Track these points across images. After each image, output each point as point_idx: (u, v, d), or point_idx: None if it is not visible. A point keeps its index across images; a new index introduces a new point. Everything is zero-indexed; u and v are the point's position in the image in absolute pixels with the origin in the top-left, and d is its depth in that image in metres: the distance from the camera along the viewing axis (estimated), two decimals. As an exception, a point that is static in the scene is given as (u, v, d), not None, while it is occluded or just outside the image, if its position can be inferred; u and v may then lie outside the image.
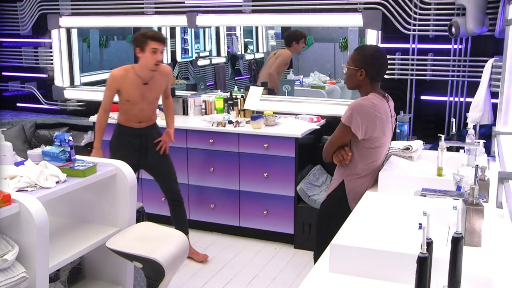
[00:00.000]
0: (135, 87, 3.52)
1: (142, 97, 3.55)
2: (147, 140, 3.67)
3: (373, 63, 2.53)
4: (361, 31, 5.59)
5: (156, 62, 3.44)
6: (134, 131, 3.64)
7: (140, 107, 3.58)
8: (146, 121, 3.66)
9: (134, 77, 3.51)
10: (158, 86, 3.61)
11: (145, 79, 3.53)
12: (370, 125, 2.49)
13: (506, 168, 2.38)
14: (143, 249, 2.37)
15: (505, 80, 2.96)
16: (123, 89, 3.53)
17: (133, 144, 3.64)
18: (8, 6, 5.59)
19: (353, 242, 1.69)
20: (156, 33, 3.51)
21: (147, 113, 3.64)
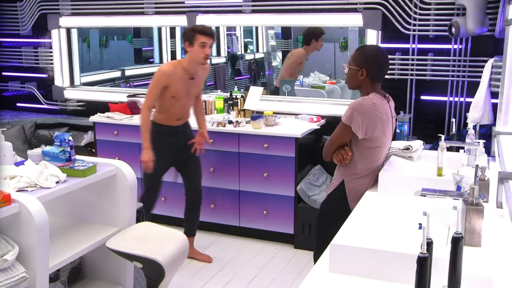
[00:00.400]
0: (182, 82, 3.52)
1: (186, 92, 3.57)
2: (185, 139, 3.70)
3: (374, 63, 2.53)
4: (361, 31, 5.59)
5: (205, 56, 3.46)
6: (172, 130, 3.64)
7: (183, 103, 3.60)
8: (184, 118, 3.69)
9: (181, 72, 3.52)
10: (201, 80, 3.68)
11: (192, 74, 3.55)
12: (370, 125, 2.49)
13: (506, 168, 2.38)
14: (143, 249, 2.37)
15: (505, 80, 2.96)
16: (170, 85, 3.50)
17: (170, 143, 3.64)
18: (8, 6, 5.59)
19: (353, 242, 1.69)
20: (205, 27, 3.50)
21: (187, 109, 3.68)
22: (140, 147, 4.41)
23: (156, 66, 7.38)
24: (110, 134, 4.50)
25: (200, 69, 3.62)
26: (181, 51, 7.34)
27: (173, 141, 3.65)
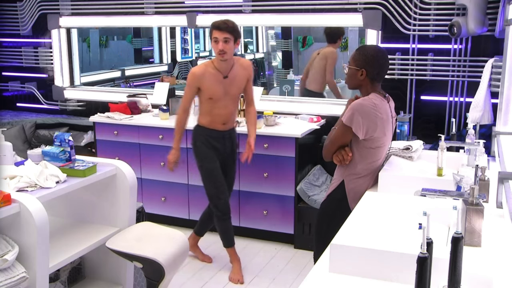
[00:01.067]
0: (216, 82, 3.39)
1: (225, 92, 3.42)
2: (232, 144, 3.59)
3: (373, 63, 2.53)
4: (361, 31, 5.59)
5: (219, 51, 3.29)
6: (218, 134, 3.51)
7: (224, 104, 3.45)
8: (230, 122, 3.54)
9: (213, 71, 3.40)
10: (239, 79, 3.46)
11: (224, 72, 3.40)
12: (371, 125, 2.49)
13: (506, 168, 2.38)
14: (143, 249, 2.37)
15: (505, 80, 2.96)
16: (204, 86, 3.39)
17: (216, 148, 3.53)
18: (8, 6, 5.59)
19: (353, 242, 1.69)
20: (219, 21, 3.31)
21: (231, 111, 3.51)
22: (140, 147, 4.42)
23: (156, 66, 7.39)
24: (110, 134, 4.50)
25: (238, 68, 3.44)
26: (181, 51, 7.37)
27: (218, 146, 3.53)
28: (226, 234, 3.65)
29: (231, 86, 3.44)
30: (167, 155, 3.64)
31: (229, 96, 3.45)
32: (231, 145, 3.61)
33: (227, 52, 3.30)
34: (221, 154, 3.56)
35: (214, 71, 3.40)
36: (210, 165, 3.52)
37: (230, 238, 3.66)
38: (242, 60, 3.56)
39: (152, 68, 7.36)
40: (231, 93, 3.46)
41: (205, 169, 3.54)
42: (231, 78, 3.43)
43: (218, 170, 3.55)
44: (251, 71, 3.54)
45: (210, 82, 3.39)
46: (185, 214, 4.40)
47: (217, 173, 3.55)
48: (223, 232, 3.65)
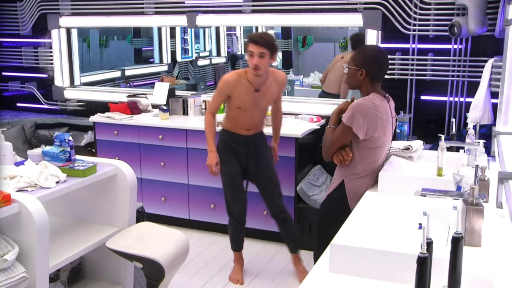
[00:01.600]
0: (247, 94, 3.30)
1: (254, 104, 3.34)
2: (255, 149, 3.48)
3: (373, 63, 2.53)
4: (361, 31, 5.59)
5: (253, 66, 3.17)
6: (240, 138, 3.43)
7: (251, 114, 3.38)
8: (254, 129, 3.45)
9: (246, 83, 3.30)
10: (271, 93, 3.38)
11: (256, 86, 3.30)
12: (371, 125, 2.49)
13: (506, 168, 2.38)
14: (143, 249, 2.37)
15: (505, 80, 2.96)
16: (234, 96, 3.32)
17: (239, 152, 3.45)
18: (8, 6, 5.59)
19: (353, 242, 1.69)
20: (256, 35, 3.20)
21: (257, 121, 3.44)
22: (140, 147, 4.42)
23: (156, 66, 7.40)
24: (110, 134, 4.50)
25: (271, 81, 3.35)
26: (181, 51, 7.37)
27: (240, 150, 3.45)
28: (236, 239, 3.65)
29: (262, 99, 3.37)
30: (206, 161, 3.50)
31: (257, 108, 3.39)
32: (255, 149, 3.48)
33: (261, 68, 3.19)
34: (244, 158, 3.47)
35: (247, 83, 3.31)
36: (227, 169, 3.47)
37: (239, 244, 3.67)
38: (277, 74, 3.45)
39: (152, 68, 7.37)
40: (260, 106, 3.40)
41: (223, 172, 3.48)
42: (262, 92, 3.35)
43: (236, 177, 3.48)
44: (284, 84, 3.50)
45: (241, 93, 3.31)
46: (185, 214, 4.40)
47: (234, 179, 3.49)
48: (233, 237, 3.65)
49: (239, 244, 3.66)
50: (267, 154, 3.56)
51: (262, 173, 3.52)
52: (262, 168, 3.51)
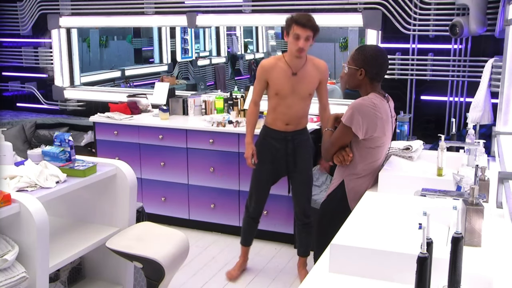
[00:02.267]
0: (284, 77, 3.24)
1: (292, 89, 3.24)
2: (294, 148, 3.37)
3: (372, 63, 2.53)
4: (361, 31, 5.59)
5: (298, 48, 3.13)
6: (278, 135, 3.35)
7: (290, 103, 3.28)
8: (294, 124, 3.34)
9: (283, 66, 3.24)
10: (309, 78, 3.26)
11: (294, 69, 3.23)
12: (370, 125, 2.49)
13: (506, 168, 2.38)
14: (143, 249, 2.37)
15: (505, 80, 2.96)
16: (271, 80, 3.26)
17: (277, 150, 3.37)
18: (8, 6, 5.59)
19: (353, 242, 1.69)
20: (302, 17, 3.14)
21: (296, 112, 3.31)
22: (140, 147, 4.42)
23: (156, 66, 7.40)
24: (110, 134, 4.50)
25: (311, 66, 3.27)
26: (181, 51, 7.37)
27: (278, 147, 3.36)
28: (246, 234, 3.67)
29: (300, 84, 3.26)
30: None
31: (296, 94, 3.28)
32: (294, 148, 3.38)
33: (306, 50, 3.19)
34: (282, 156, 3.39)
35: (284, 65, 3.26)
36: (258, 166, 3.45)
37: (247, 240, 3.68)
38: (317, 61, 3.36)
39: (152, 68, 7.37)
40: (299, 92, 3.27)
41: (254, 168, 3.48)
42: (300, 76, 3.26)
43: (264, 175, 3.45)
44: (326, 73, 3.36)
45: (277, 76, 3.26)
46: (185, 214, 4.40)
47: (260, 177, 3.46)
48: (244, 231, 3.67)
49: (246, 239, 3.68)
50: (306, 155, 3.44)
51: (298, 175, 3.45)
52: (298, 170, 3.44)
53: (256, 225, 3.64)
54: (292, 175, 3.48)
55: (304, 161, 3.44)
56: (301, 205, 3.49)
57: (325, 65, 3.40)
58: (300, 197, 3.49)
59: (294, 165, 3.42)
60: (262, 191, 3.52)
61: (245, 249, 3.70)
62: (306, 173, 3.46)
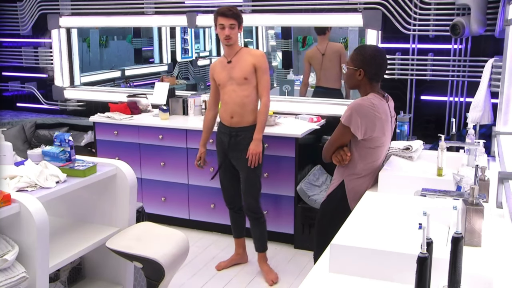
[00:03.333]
0: (221, 67, 3.50)
1: (228, 76, 3.46)
2: (236, 142, 3.49)
3: (371, 63, 2.53)
4: (361, 31, 5.59)
5: (225, 37, 3.39)
6: (225, 129, 3.54)
7: (228, 90, 3.46)
8: (238, 116, 3.46)
9: (222, 59, 3.54)
10: (243, 63, 3.44)
11: (228, 57, 3.48)
12: (369, 125, 2.49)
13: (506, 168, 2.38)
14: (143, 249, 2.37)
15: (505, 80, 2.96)
16: (215, 75, 3.54)
17: (223, 144, 3.56)
18: (8, 6, 5.59)
19: (353, 242, 1.69)
20: (224, 8, 3.41)
21: (235, 99, 3.44)
22: (140, 147, 4.43)
23: (156, 66, 7.40)
24: (110, 134, 4.50)
25: (245, 54, 3.46)
26: (181, 51, 7.37)
27: (224, 141, 3.55)
28: (231, 225, 3.82)
29: (234, 69, 3.46)
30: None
31: (233, 80, 3.45)
32: (236, 143, 3.50)
33: (232, 37, 3.41)
34: (226, 150, 3.57)
35: (222, 58, 3.54)
36: (218, 158, 3.68)
37: (235, 230, 3.82)
38: (253, 50, 3.64)
39: (152, 68, 7.37)
40: (234, 77, 3.45)
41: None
42: (234, 62, 3.46)
43: (222, 168, 3.65)
44: (260, 59, 3.46)
45: (219, 69, 3.52)
46: (185, 214, 4.40)
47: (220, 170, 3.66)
48: (230, 223, 3.82)
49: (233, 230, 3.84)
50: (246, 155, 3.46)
51: (240, 171, 3.57)
52: (239, 167, 3.55)
53: (237, 216, 3.76)
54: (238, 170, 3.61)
55: (245, 159, 3.47)
56: (245, 201, 3.61)
57: (261, 53, 3.61)
58: (244, 194, 3.61)
59: (237, 161, 3.54)
60: (223, 184, 3.71)
61: (236, 241, 3.84)
62: (247, 171, 3.50)
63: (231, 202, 3.73)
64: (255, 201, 3.58)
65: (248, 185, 3.55)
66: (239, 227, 3.79)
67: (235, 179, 3.63)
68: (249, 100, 3.47)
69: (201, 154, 3.72)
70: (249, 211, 3.62)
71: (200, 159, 3.72)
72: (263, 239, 3.68)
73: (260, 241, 3.68)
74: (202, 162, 3.73)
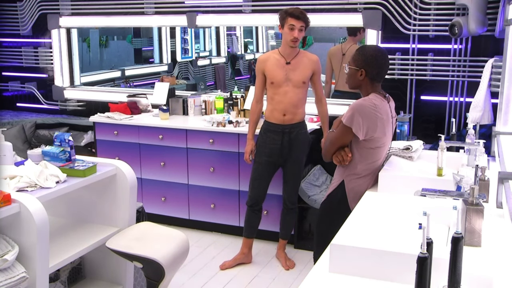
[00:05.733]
0: (278, 66, 3.51)
1: (286, 77, 3.50)
2: (290, 139, 3.58)
3: (373, 63, 2.53)
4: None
5: (293, 38, 3.43)
6: (277, 128, 3.57)
7: (284, 90, 3.51)
8: (291, 114, 3.54)
9: (277, 56, 3.54)
10: (302, 67, 3.52)
11: (288, 58, 3.51)
12: (371, 126, 2.49)
13: (506, 168, 2.38)
14: (143, 249, 2.37)
15: (505, 80, 2.96)
16: (267, 70, 3.53)
17: (275, 143, 3.59)
18: (8, 6, 5.59)
19: (353, 242, 1.69)
20: (296, 10, 3.44)
21: (290, 99, 3.52)
22: (140, 147, 4.43)
23: (156, 66, 7.40)
24: (110, 134, 4.50)
25: (303, 57, 3.53)
26: (181, 51, 7.37)
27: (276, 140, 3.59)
28: (246, 224, 3.82)
29: (293, 71, 3.50)
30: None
31: (290, 82, 3.51)
32: (290, 140, 3.59)
33: (299, 39, 3.47)
34: (279, 148, 3.59)
35: (278, 56, 3.54)
36: (256, 158, 3.68)
37: (247, 230, 3.82)
38: (309, 54, 3.64)
39: (152, 68, 7.37)
40: (293, 79, 3.50)
41: (254, 162, 3.70)
42: (293, 64, 3.51)
43: (261, 166, 3.65)
44: (318, 64, 3.58)
45: (272, 66, 3.53)
46: (185, 214, 4.40)
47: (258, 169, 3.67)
48: (245, 222, 3.83)
49: (246, 230, 3.83)
50: (301, 148, 3.64)
51: (290, 165, 3.67)
52: (292, 160, 3.65)
53: (254, 215, 3.78)
54: (285, 165, 3.69)
55: (298, 153, 3.65)
56: (288, 193, 3.75)
57: (317, 58, 3.63)
58: (288, 186, 3.73)
59: (289, 156, 3.63)
60: (258, 182, 3.70)
61: (245, 241, 3.83)
62: (298, 165, 3.69)
63: (256, 201, 3.74)
64: (296, 194, 3.78)
65: (296, 180, 3.73)
66: (253, 227, 3.81)
67: (271, 178, 3.75)
68: (302, 101, 3.61)
69: (252, 147, 3.70)
70: (289, 203, 3.76)
71: (252, 152, 3.70)
72: (290, 228, 3.87)
73: (287, 229, 3.86)
74: (253, 155, 3.71)
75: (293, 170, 3.68)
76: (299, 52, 3.56)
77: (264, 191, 3.74)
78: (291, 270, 3.76)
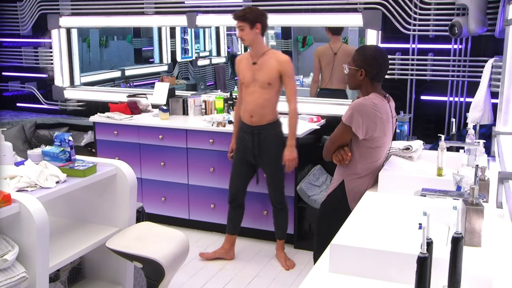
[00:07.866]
0: (246, 66, 3.60)
1: (252, 77, 3.55)
2: (259, 140, 3.62)
3: (372, 63, 2.53)
4: (361, 31, 5.59)
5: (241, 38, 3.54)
6: (247, 128, 3.65)
7: (251, 90, 3.56)
8: (258, 116, 3.57)
9: (248, 57, 3.62)
10: (268, 67, 3.52)
11: (254, 58, 3.57)
12: (371, 125, 2.49)
13: (506, 168, 2.38)
14: (143, 249, 2.37)
15: (505, 80, 2.96)
16: (239, 71, 3.66)
17: (246, 142, 3.66)
18: (8, 6, 5.59)
19: (353, 242, 1.69)
20: (238, 12, 3.56)
21: (256, 99, 3.55)
22: (140, 147, 4.43)
23: (156, 66, 7.40)
24: (110, 134, 4.50)
25: (271, 58, 3.52)
26: (181, 51, 7.37)
27: (246, 139, 3.66)
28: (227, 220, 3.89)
29: (259, 71, 3.54)
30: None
31: (256, 82, 3.54)
32: (259, 141, 3.63)
33: (245, 39, 3.52)
34: (249, 148, 3.66)
35: (248, 56, 3.63)
36: (234, 155, 3.78)
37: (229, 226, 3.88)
38: (279, 54, 3.60)
39: (152, 68, 7.37)
40: (258, 79, 3.54)
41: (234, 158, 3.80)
42: (259, 64, 3.54)
43: (236, 163, 3.75)
44: (286, 65, 3.52)
45: (243, 66, 3.63)
46: (185, 214, 4.40)
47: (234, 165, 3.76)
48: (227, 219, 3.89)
49: (227, 226, 3.90)
50: (272, 149, 3.64)
51: (264, 167, 3.73)
52: (264, 162, 3.69)
53: (234, 212, 3.84)
54: (261, 166, 3.75)
55: (269, 155, 3.66)
56: (271, 194, 3.77)
57: (286, 58, 3.57)
58: (270, 187, 3.76)
59: (259, 157, 3.68)
60: (235, 178, 3.78)
61: (227, 237, 3.90)
62: (273, 166, 3.69)
63: (235, 198, 3.79)
64: (280, 194, 3.75)
65: (274, 180, 3.72)
66: (235, 224, 3.87)
67: (249, 176, 3.79)
68: (270, 103, 3.60)
69: (233, 146, 3.81)
70: (276, 203, 3.77)
71: (233, 151, 3.80)
72: (284, 228, 3.84)
73: (281, 229, 3.84)
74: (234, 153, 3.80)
75: (269, 171, 3.71)
76: (267, 52, 3.56)
77: (241, 187, 3.79)
78: (291, 270, 3.76)
